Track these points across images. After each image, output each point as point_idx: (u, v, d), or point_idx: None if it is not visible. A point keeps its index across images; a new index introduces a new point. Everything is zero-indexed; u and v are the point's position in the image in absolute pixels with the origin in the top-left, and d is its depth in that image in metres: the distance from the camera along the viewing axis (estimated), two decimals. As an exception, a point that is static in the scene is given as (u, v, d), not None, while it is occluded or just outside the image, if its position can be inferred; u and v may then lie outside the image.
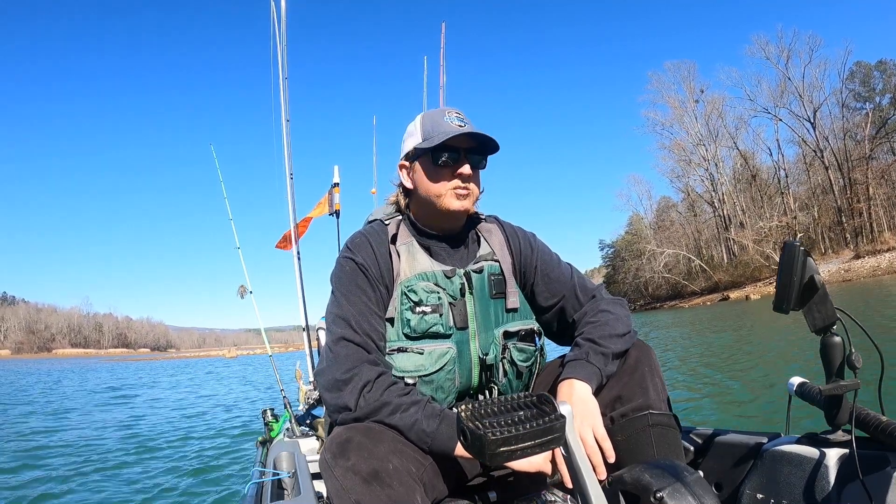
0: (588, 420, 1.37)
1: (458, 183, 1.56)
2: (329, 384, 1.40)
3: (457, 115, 1.59)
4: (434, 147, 1.54)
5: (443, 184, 1.56)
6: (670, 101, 65.19)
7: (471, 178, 1.57)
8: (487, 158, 1.64)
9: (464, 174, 1.55)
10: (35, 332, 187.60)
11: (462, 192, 1.56)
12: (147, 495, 4.87)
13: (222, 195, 5.20)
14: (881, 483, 1.27)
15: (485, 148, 1.61)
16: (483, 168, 1.63)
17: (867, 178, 53.14)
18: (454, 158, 1.55)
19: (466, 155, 1.56)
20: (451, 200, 1.56)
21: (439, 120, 1.57)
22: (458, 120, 1.57)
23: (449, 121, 1.56)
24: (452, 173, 1.56)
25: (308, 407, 3.71)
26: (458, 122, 1.57)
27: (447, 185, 1.56)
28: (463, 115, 1.60)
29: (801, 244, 1.36)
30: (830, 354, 1.38)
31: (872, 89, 55.44)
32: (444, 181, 1.56)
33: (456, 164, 1.55)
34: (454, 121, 1.56)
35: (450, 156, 1.55)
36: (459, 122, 1.56)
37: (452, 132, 1.52)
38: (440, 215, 1.60)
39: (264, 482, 1.72)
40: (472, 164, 1.57)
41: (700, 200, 66.79)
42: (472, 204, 1.61)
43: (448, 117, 1.57)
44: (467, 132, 1.53)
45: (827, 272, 46.39)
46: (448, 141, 1.53)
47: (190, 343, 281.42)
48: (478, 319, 1.57)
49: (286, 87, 4.83)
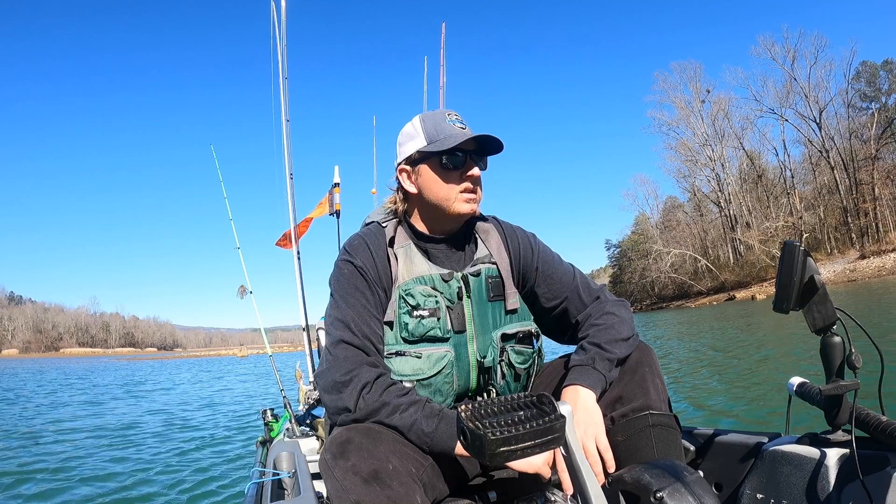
0: (591, 429, 1.37)
1: (468, 185, 1.56)
2: (328, 386, 1.40)
3: (457, 118, 1.58)
4: (444, 150, 1.54)
5: (452, 187, 1.56)
6: (676, 101, 65.31)
7: (479, 181, 1.58)
8: (487, 160, 1.64)
9: (474, 176, 1.56)
10: (42, 332, 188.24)
11: (471, 196, 1.57)
12: (146, 495, 4.88)
13: (223, 195, 5.19)
14: (881, 483, 1.27)
15: (485, 150, 1.60)
16: (484, 170, 1.63)
17: (873, 178, 52.94)
18: (463, 161, 1.55)
19: (474, 157, 1.57)
20: (461, 204, 1.56)
21: (442, 122, 1.56)
22: (458, 122, 1.57)
23: (451, 123, 1.56)
24: (461, 176, 1.55)
25: (308, 407, 3.71)
26: (459, 124, 1.56)
27: (456, 189, 1.56)
28: (461, 117, 1.60)
29: (801, 244, 1.36)
30: (830, 354, 1.38)
31: (878, 89, 55.26)
32: (453, 184, 1.56)
33: (465, 168, 1.56)
34: (456, 123, 1.56)
35: (459, 159, 1.55)
36: (461, 125, 1.56)
37: (460, 135, 1.52)
38: (447, 219, 1.60)
39: (264, 482, 1.72)
40: (480, 166, 1.58)
41: (706, 200, 66.75)
42: (477, 207, 1.61)
43: (450, 119, 1.57)
44: (479, 136, 1.54)
45: (832, 272, 46.35)
46: (462, 144, 1.53)
47: (196, 342, 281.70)
48: (475, 322, 1.57)
49: (286, 87, 4.83)
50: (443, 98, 5.78)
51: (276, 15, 4.92)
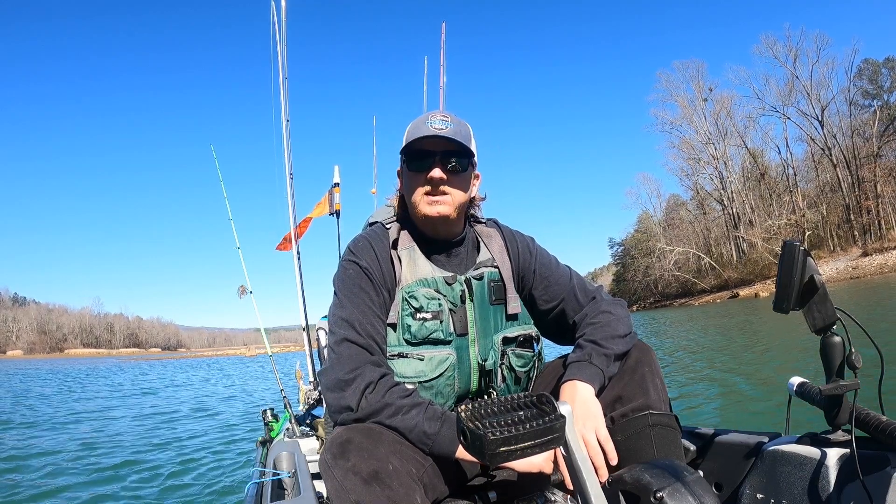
0: (591, 422, 1.37)
1: (429, 188, 1.53)
2: (332, 384, 1.40)
3: (441, 118, 1.54)
4: (407, 152, 1.53)
5: (417, 189, 1.55)
6: (679, 99, 65.58)
7: (444, 182, 1.53)
8: (473, 161, 1.60)
9: (433, 178, 1.52)
10: (47, 333, 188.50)
11: (433, 198, 1.53)
12: (146, 494, 4.90)
13: (223, 195, 5.19)
14: (881, 483, 1.27)
15: (458, 152, 1.55)
16: (464, 171, 1.57)
17: (875, 175, 53.00)
18: (425, 163, 1.53)
19: (442, 159, 1.53)
20: (425, 206, 1.54)
21: (420, 124, 1.54)
22: (440, 122, 1.53)
23: (429, 124, 1.52)
24: (424, 178, 1.53)
25: (308, 407, 3.72)
26: (441, 124, 1.52)
27: (420, 191, 1.54)
28: (450, 118, 1.55)
29: (802, 242, 1.35)
30: (830, 354, 1.38)
31: (880, 86, 55.31)
32: (418, 186, 1.54)
33: (426, 170, 1.52)
34: (435, 123, 1.52)
35: (421, 160, 1.53)
36: (440, 125, 1.52)
37: (419, 134, 1.50)
38: (419, 221, 1.59)
39: (264, 482, 1.72)
40: (446, 168, 1.53)
41: (709, 198, 66.91)
42: (451, 210, 1.55)
43: (430, 121, 1.53)
44: (426, 134, 1.50)
45: (835, 270, 46.44)
46: (417, 144, 1.51)
47: (200, 343, 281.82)
48: (477, 326, 1.57)
49: (286, 87, 4.84)
50: (443, 98, 5.76)
51: (276, 15, 4.94)
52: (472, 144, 1.57)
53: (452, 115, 1.57)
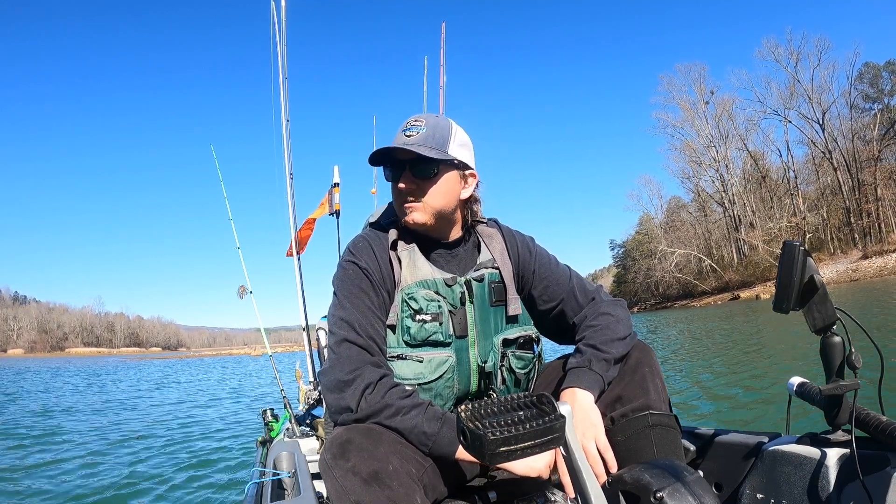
0: (591, 430, 1.37)
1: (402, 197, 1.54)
2: (331, 385, 1.39)
3: (413, 124, 1.54)
4: (375, 162, 1.55)
5: (395, 198, 1.56)
6: (681, 102, 65.71)
7: (412, 192, 1.52)
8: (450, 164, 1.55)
9: (400, 189, 1.52)
10: (48, 332, 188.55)
11: (404, 206, 1.54)
12: (146, 494, 4.89)
13: (223, 195, 5.19)
14: (881, 483, 1.27)
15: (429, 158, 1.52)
16: (431, 176, 1.52)
17: (875, 178, 53.10)
18: (394, 174, 1.54)
19: (411, 168, 1.51)
20: (402, 213, 1.55)
21: (397, 133, 1.55)
22: (411, 129, 1.52)
23: (403, 132, 1.53)
24: (396, 188, 1.54)
25: (308, 407, 3.70)
26: (412, 130, 1.52)
27: (398, 200, 1.55)
28: (423, 121, 1.54)
29: (802, 244, 1.35)
30: (830, 354, 1.38)
31: (881, 90, 55.35)
32: (395, 195, 1.56)
33: (395, 180, 1.54)
34: (407, 131, 1.52)
35: (391, 170, 1.55)
36: (410, 132, 1.51)
37: (381, 147, 1.52)
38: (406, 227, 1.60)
39: (264, 482, 1.72)
40: (416, 175, 1.52)
41: (710, 201, 66.99)
42: (426, 217, 1.53)
43: (404, 128, 1.54)
44: (381, 147, 1.51)
45: (835, 272, 46.53)
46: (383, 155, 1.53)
47: (200, 342, 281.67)
48: (477, 328, 1.56)
49: (286, 87, 4.82)
50: (443, 98, 5.75)
51: (276, 15, 4.92)
52: (448, 146, 1.53)
53: (429, 118, 1.55)
